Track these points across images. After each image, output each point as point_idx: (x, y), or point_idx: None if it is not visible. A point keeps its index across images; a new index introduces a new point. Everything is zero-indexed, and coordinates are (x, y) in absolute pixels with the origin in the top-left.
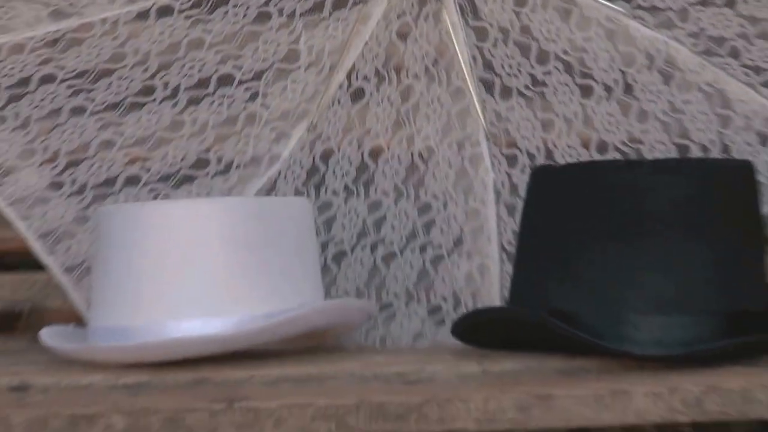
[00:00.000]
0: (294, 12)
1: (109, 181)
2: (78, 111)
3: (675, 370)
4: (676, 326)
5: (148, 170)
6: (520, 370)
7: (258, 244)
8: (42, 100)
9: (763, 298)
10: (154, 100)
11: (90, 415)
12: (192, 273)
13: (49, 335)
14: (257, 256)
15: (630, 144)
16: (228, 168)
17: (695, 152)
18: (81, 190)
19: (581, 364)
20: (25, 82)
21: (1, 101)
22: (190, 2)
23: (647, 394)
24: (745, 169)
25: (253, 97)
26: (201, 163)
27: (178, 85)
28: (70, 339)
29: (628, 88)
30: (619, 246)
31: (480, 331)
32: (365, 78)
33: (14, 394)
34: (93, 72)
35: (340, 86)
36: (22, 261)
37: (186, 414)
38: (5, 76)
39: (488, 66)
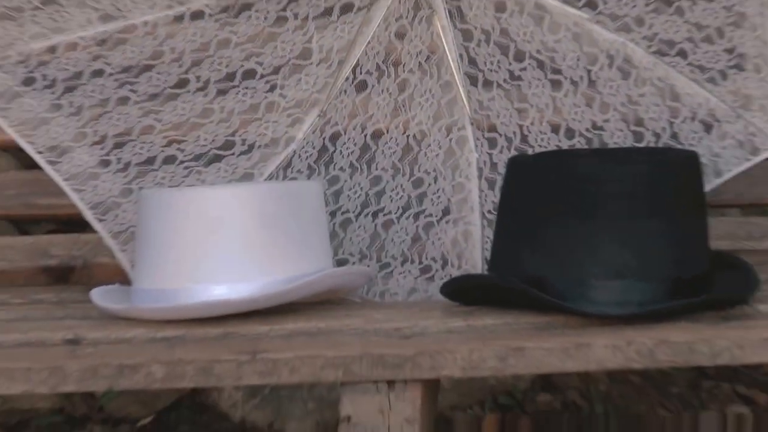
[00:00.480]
0: (307, 16)
1: (150, 160)
2: (123, 100)
3: (631, 326)
4: (631, 290)
5: (183, 151)
6: (499, 325)
7: (277, 221)
8: (92, 91)
9: (704, 265)
10: (188, 91)
11: (134, 365)
12: (221, 245)
13: (99, 295)
14: (276, 231)
15: (593, 130)
16: (251, 148)
17: (649, 138)
18: (125, 168)
19: (550, 321)
20: (78, 75)
21: (58, 92)
22: (219, 7)
23: (606, 346)
24: (691, 157)
25: (272, 88)
26: (228, 145)
27: (209, 79)
28: (116, 298)
29: (591, 83)
30: (582, 222)
31: (465, 292)
32: (368, 72)
33: (69, 346)
34: (136, 67)
35: (347, 79)
36: (76, 222)
37: (215, 364)
38: (61, 70)
39: (473, 62)
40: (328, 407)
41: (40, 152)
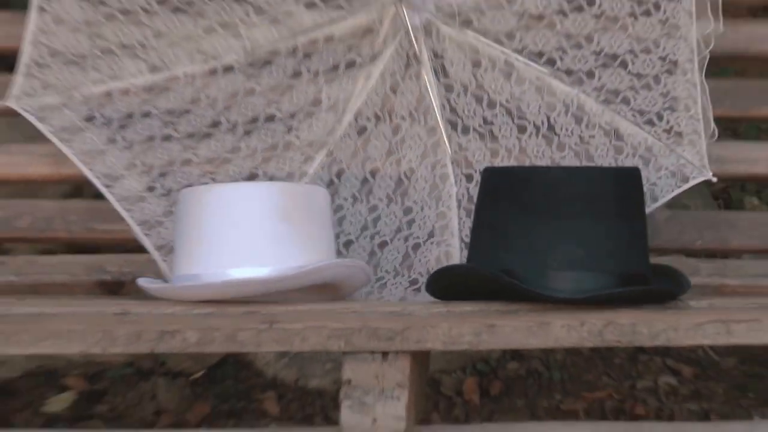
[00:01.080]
0: (318, 71)
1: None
2: (166, 138)
3: (583, 310)
4: (583, 279)
5: (215, 180)
6: (474, 310)
7: (291, 215)
8: (141, 129)
9: (645, 264)
10: (220, 131)
11: (172, 331)
12: (244, 236)
13: (144, 281)
14: (290, 224)
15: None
16: (271, 180)
17: None
18: (167, 193)
19: (517, 307)
20: (129, 116)
21: (113, 128)
22: (246, 63)
23: (563, 326)
24: (634, 174)
25: (289, 130)
26: (252, 176)
27: (237, 121)
28: (158, 284)
29: (550, 127)
30: (544, 223)
31: (446, 284)
32: (367, 118)
33: (118, 317)
34: (177, 110)
35: (350, 124)
36: (127, 244)
37: (239, 332)
38: (116, 110)
39: (453, 111)
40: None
41: (98, 177)
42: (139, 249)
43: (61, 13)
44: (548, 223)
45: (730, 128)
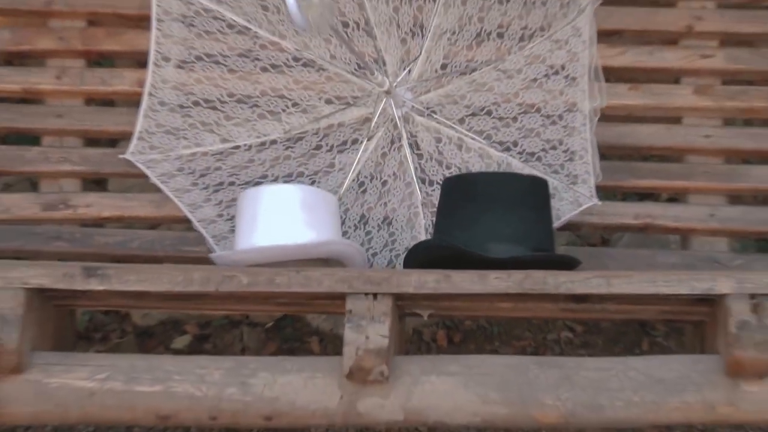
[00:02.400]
0: (333, 145)
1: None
2: (231, 183)
3: (510, 268)
4: (508, 249)
5: None
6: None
7: (313, 207)
8: (214, 178)
9: (550, 241)
10: (266, 181)
11: (230, 275)
12: (281, 219)
13: (213, 255)
14: (312, 213)
15: None
16: None
17: None
18: (231, 218)
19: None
20: (206, 169)
21: (196, 176)
22: (285, 138)
23: (496, 277)
24: (544, 182)
25: (312, 183)
26: None
27: (278, 176)
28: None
29: None
30: (485, 212)
31: (418, 258)
32: (365, 177)
33: (194, 267)
34: (239, 166)
35: (353, 180)
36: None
37: (276, 276)
38: (197, 165)
39: (423, 171)
40: None
41: (185, 206)
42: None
43: (163, 98)
44: (487, 212)
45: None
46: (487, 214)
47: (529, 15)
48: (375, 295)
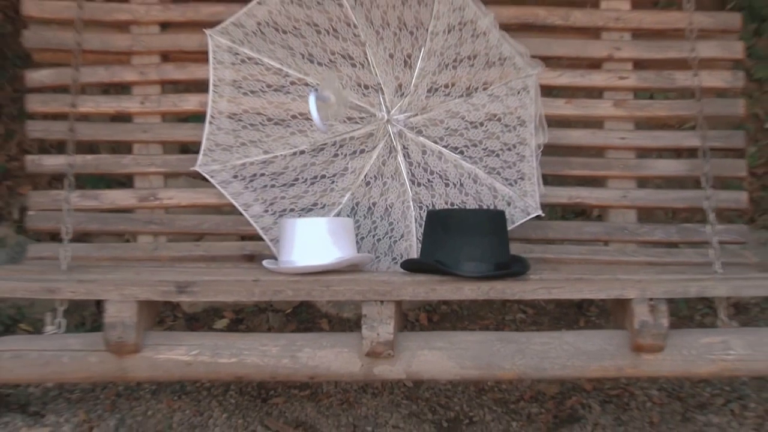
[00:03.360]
0: (347, 154)
1: (283, 211)
2: (272, 186)
3: (478, 281)
4: (478, 267)
5: (296, 207)
6: (424, 280)
7: (336, 232)
8: (259, 182)
9: (507, 258)
10: (298, 182)
11: (280, 290)
12: (313, 243)
13: (266, 262)
14: (336, 237)
15: (460, 204)
16: (324, 206)
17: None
18: (274, 213)
19: (447, 279)
20: (254, 176)
21: (246, 182)
22: (311, 148)
23: (469, 288)
24: (502, 214)
25: (332, 182)
26: (314, 204)
27: (306, 178)
28: (272, 265)
29: (461, 185)
30: (459, 238)
31: (411, 266)
32: (371, 178)
33: (254, 282)
34: (277, 173)
35: (362, 180)
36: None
37: (312, 290)
38: (247, 173)
39: (413, 175)
40: None
41: (240, 205)
42: (259, 238)
43: (219, 125)
44: (460, 238)
45: None
46: (461, 240)
47: (491, 68)
48: (382, 302)
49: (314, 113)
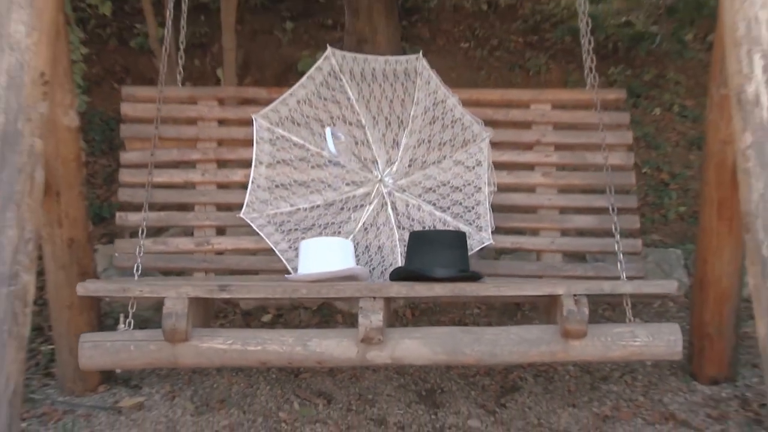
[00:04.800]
0: (351, 208)
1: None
2: (295, 230)
3: (447, 282)
4: (446, 272)
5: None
6: (408, 284)
7: (342, 250)
8: (285, 226)
9: (467, 266)
10: (313, 228)
11: (298, 288)
12: (326, 256)
13: (288, 276)
14: (342, 253)
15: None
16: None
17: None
18: (296, 250)
19: (424, 282)
20: (282, 222)
21: (276, 225)
22: (325, 203)
23: (440, 287)
24: (463, 234)
25: (340, 227)
26: (330, 229)
27: (321, 224)
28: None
29: (434, 227)
30: (432, 251)
31: (397, 274)
32: (369, 225)
33: (279, 284)
34: (299, 220)
35: (361, 226)
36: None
37: (321, 289)
38: (277, 220)
39: (399, 222)
40: None
41: (273, 243)
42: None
43: (258, 184)
44: (433, 251)
45: None
46: (434, 252)
47: (456, 137)
48: (375, 298)
49: (329, 141)
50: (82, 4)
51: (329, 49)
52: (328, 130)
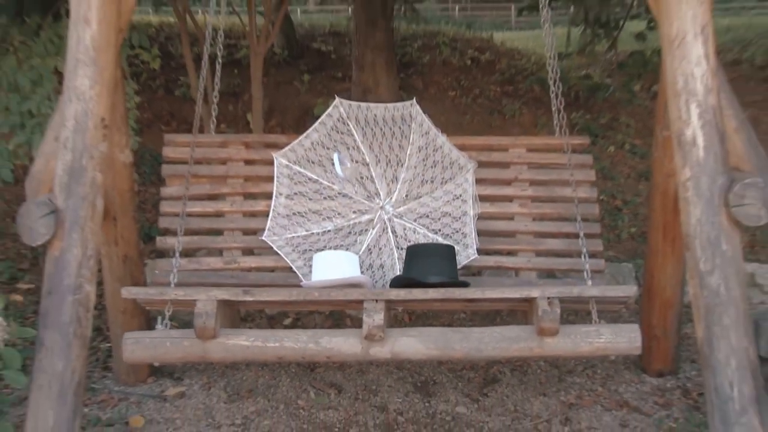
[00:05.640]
0: (356, 232)
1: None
2: (310, 251)
3: (439, 287)
4: (439, 278)
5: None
6: (405, 290)
7: (350, 261)
8: (301, 247)
9: (456, 275)
10: (325, 249)
11: (309, 293)
12: (336, 265)
13: (303, 282)
14: (350, 265)
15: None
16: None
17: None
18: (310, 268)
19: (419, 289)
20: (297, 244)
21: (293, 246)
22: (335, 228)
23: (434, 291)
24: (452, 247)
25: (347, 249)
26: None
27: (331, 246)
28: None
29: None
30: (425, 261)
31: (397, 281)
32: (372, 246)
33: (295, 288)
34: (312, 242)
35: (365, 248)
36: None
37: (331, 293)
38: (293, 242)
39: (397, 242)
40: None
41: (290, 261)
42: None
43: (278, 212)
44: (427, 260)
45: None
46: (428, 262)
47: (445, 170)
48: (377, 300)
49: (337, 165)
50: (136, 60)
51: (337, 99)
52: (335, 156)
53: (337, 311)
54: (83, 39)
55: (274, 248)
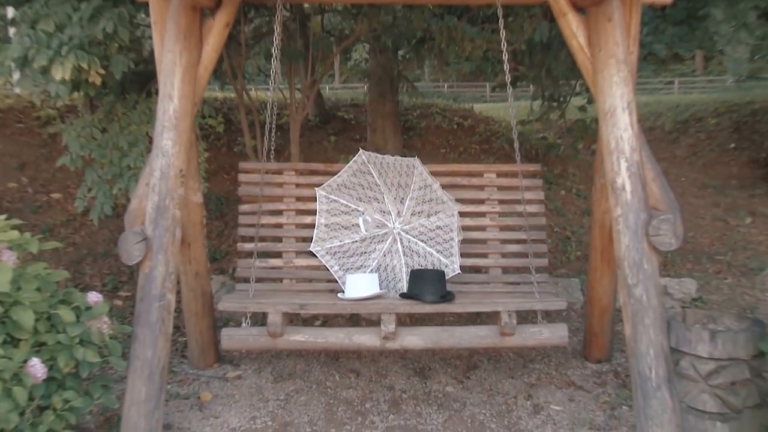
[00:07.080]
0: (373, 247)
1: (348, 269)
2: (342, 256)
3: (433, 303)
4: (433, 297)
5: (352, 268)
6: (410, 303)
7: (372, 281)
8: (338, 256)
9: (446, 292)
10: (354, 256)
11: (345, 306)
12: (364, 285)
13: (339, 295)
14: (371, 283)
15: (425, 266)
16: (364, 268)
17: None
18: (342, 267)
19: (419, 303)
20: (335, 253)
21: (332, 256)
22: (361, 239)
23: (429, 306)
24: (443, 273)
25: (365, 261)
26: (359, 268)
27: (358, 252)
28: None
29: (427, 259)
30: (424, 283)
31: (405, 296)
32: (382, 256)
33: (333, 300)
34: (345, 252)
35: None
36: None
37: (360, 308)
38: (332, 252)
39: (405, 257)
40: None
41: (330, 267)
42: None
43: (320, 229)
44: (426, 283)
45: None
46: (425, 284)
47: (438, 205)
48: (390, 313)
49: (362, 225)
50: (206, 125)
51: (361, 150)
52: (360, 219)
53: (355, 314)
54: (167, 110)
55: (317, 256)
